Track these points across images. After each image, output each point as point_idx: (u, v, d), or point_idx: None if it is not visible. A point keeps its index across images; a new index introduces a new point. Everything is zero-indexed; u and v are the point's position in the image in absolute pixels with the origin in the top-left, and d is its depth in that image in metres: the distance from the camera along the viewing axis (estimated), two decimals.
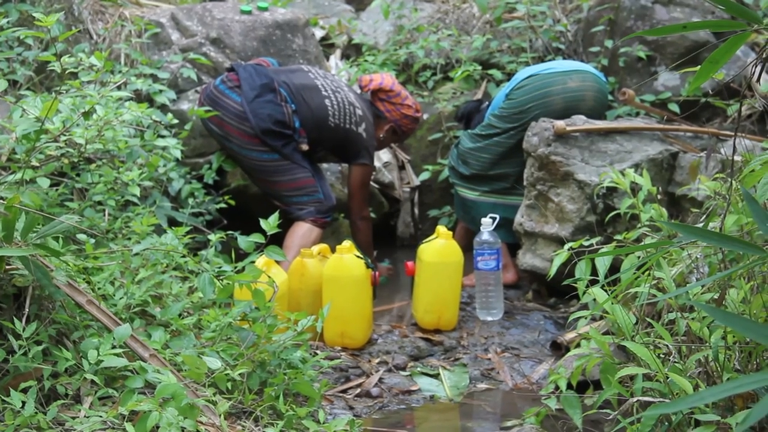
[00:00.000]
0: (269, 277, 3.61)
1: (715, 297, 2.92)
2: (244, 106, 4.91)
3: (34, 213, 2.88)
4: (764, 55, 2.80)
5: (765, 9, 5.19)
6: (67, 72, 3.89)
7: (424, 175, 6.24)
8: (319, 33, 7.02)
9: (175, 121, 4.86)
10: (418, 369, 4.20)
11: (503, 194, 5.30)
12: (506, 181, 5.27)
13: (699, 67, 2.16)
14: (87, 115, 3.95)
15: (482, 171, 5.27)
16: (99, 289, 3.46)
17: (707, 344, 2.79)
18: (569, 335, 4.18)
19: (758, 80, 5.04)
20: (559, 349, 4.24)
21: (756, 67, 2.81)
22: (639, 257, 3.37)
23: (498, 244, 4.74)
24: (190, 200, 4.97)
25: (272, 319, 3.37)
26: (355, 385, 4.03)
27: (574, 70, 5.15)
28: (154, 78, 5.45)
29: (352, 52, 7.11)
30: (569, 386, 3.44)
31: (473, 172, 5.29)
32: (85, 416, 2.81)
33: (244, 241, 3.47)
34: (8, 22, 4.38)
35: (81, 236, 3.78)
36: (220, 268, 3.47)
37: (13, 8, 4.98)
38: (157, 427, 2.70)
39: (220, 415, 2.92)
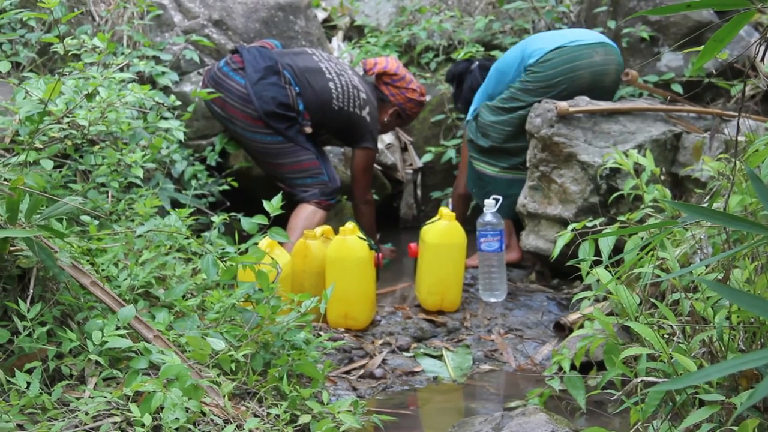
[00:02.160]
0: (272, 258, 3.61)
1: (719, 277, 2.91)
2: (248, 88, 4.90)
3: (37, 194, 2.88)
4: None
5: None
6: (70, 54, 3.88)
7: (427, 157, 6.23)
8: (321, 15, 7.01)
9: (178, 103, 4.85)
10: (422, 350, 4.21)
11: (522, 171, 5.24)
12: (525, 156, 5.22)
13: (702, 47, 2.14)
14: (90, 96, 3.94)
15: (502, 143, 5.19)
16: (103, 270, 3.46)
17: (711, 324, 2.78)
18: (573, 316, 4.18)
19: (762, 60, 5.00)
20: (562, 330, 4.24)
21: (760, 46, 2.80)
22: (642, 238, 3.37)
23: (501, 225, 4.73)
24: (193, 182, 4.97)
25: (276, 300, 3.37)
26: (359, 366, 4.04)
27: (598, 43, 5.08)
28: (157, 60, 5.44)
29: (355, 33, 7.10)
30: (573, 367, 3.45)
31: (493, 144, 5.23)
32: (89, 397, 2.82)
33: (247, 223, 3.46)
34: (11, 4, 4.38)
35: (85, 218, 3.78)
36: (223, 249, 3.47)
37: None
38: (162, 408, 2.71)
39: (224, 396, 2.92)
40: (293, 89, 4.96)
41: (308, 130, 5.00)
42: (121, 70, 4.45)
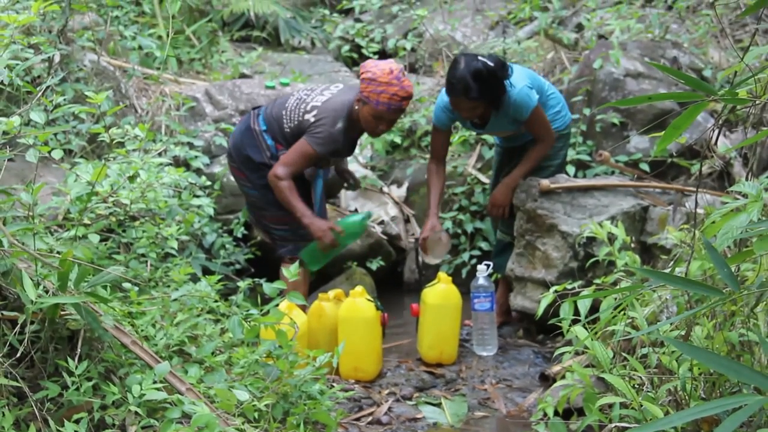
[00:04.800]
0: (291, 318, 3.62)
1: (683, 333, 2.91)
2: (230, 144, 4.88)
3: (85, 265, 2.90)
4: (721, 122, 2.83)
5: (721, 81, 5.24)
6: (114, 142, 3.93)
7: None
8: None
9: (209, 182, 4.90)
10: (423, 399, 4.18)
11: None
12: None
13: (665, 131, 2.18)
14: (132, 178, 3.98)
15: None
16: (142, 331, 3.47)
17: (676, 375, 2.78)
18: (556, 368, 4.16)
19: (716, 143, 5.07)
20: (546, 381, 4.21)
21: (714, 131, 2.84)
22: (615, 299, 3.38)
23: (492, 288, 4.74)
24: (222, 252, 5.00)
25: (294, 356, 3.38)
26: (367, 413, 4.01)
27: None
28: (191, 145, 5.51)
29: None
30: (556, 413, 3.43)
31: None
32: None
33: (268, 288, 3.48)
34: (64, 99, 4.44)
35: (126, 285, 3.80)
36: (248, 311, 3.47)
37: (69, 87, 5.04)
38: None
39: None
40: (260, 127, 4.76)
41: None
42: (159, 155, 4.50)
